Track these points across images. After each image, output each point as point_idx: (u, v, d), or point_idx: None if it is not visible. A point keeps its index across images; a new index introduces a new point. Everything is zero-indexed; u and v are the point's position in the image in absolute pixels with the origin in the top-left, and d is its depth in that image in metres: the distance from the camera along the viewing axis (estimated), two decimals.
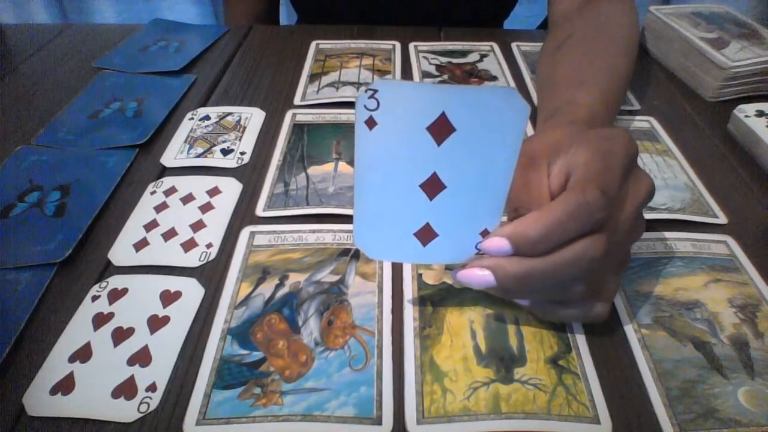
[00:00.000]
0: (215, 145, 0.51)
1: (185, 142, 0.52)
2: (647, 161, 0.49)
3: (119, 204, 0.45)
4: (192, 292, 0.37)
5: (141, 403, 0.31)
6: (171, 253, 0.40)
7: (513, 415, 0.30)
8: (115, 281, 0.38)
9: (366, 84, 0.60)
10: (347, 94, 0.58)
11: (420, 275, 0.38)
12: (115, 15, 1.57)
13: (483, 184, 0.29)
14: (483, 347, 0.34)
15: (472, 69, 0.64)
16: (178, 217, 0.43)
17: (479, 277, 0.30)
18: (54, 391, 0.31)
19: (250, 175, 0.48)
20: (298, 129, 0.54)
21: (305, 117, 0.55)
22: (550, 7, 0.63)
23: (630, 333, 0.35)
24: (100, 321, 0.35)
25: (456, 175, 0.29)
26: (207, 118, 0.55)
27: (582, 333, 0.35)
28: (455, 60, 0.66)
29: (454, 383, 0.32)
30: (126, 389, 0.32)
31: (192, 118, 0.55)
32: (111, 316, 0.36)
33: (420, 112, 0.27)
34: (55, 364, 0.33)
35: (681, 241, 0.41)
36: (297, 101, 0.58)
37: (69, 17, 1.57)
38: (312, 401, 0.31)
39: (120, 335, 0.35)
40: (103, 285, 0.38)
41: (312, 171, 0.48)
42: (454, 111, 0.27)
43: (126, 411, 0.31)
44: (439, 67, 0.64)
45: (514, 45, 0.70)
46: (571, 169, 0.31)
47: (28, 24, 1.02)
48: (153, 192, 0.46)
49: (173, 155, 0.50)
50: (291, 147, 0.51)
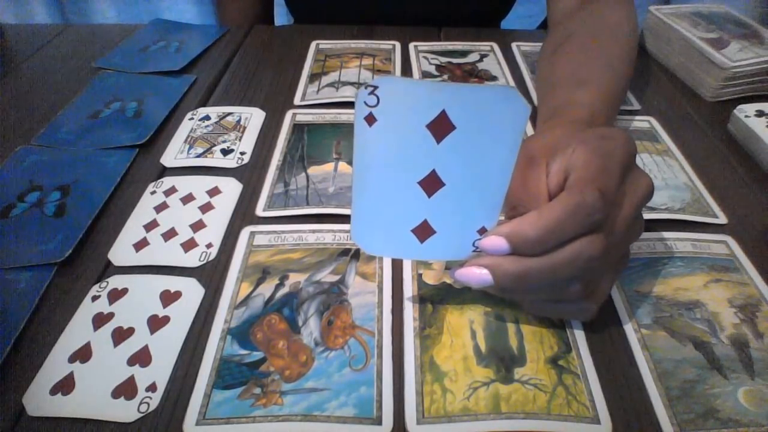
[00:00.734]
0: (215, 145, 0.51)
1: (185, 142, 0.52)
2: (647, 161, 0.49)
3: (119, 204, 0.45)
4: (192, 292, 0.37)
5: (141, 403, 0.31)
6: (171, 253, 0.40)
7: (513, 415, 0.30)
8: (115, 281, 0.38)
9: (364, 83, 0.60)
10: (347, 94, 0.58)
11: (420, 275, 0.38)
12: (115, 15, 1.56)
13: (482, 182, 0.29)
14: (483, 347, 0.34)
15: (472, 69, 0.64)
16: (178, 217, 0.43)
17: (477, 276, 0.30)
18: (54, 391, 0.31)
19: (250, 175, 0.48)
20: (298, 129, 0.54)
21: (305, 117, 0.55)
22: (549, 7, 0.63)
23: (630, 333, 0.35)
24: (100, 321, 0.35)
25: (455, 173, 0.29)
26: (207, 118, 0.55)
27: (582, 333, 0.35)
28: (455, 60, 0.66)
29: (454, 383, 0.32)
30: (126, 389, 0.32)
31: (192, 118, 0.55)
32: (111, 316, 0.36)
33: (420, 109, 0.27)
34: (55, 364, 0.33)
35: (681, 241, 0.41)
36: (297, 101, 0.58)
37: (69, 17, 1.57)
38: (312, 401, 0.31)
39: (120, 335, 0.35)
40: (103, 285, 0.38)
41: (312, 171, 0.48)
42: (454, 109, 0.27)
43: (126, 411, 0.31)
44: (439, 67, 0.64)
45: (514, 45, 0.70)
46: (570, 169, 0.31)
47: (28, 24, 1.02)
48: (153, 192, 0.46)
49: (173, 155, 0.50)
50: (291, 147, 0.51)
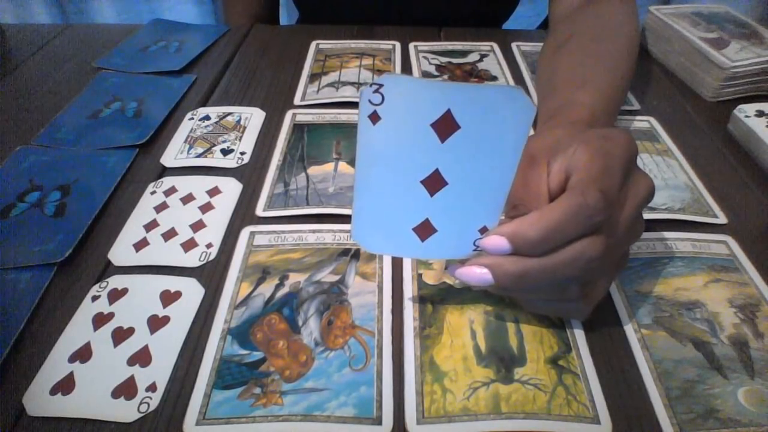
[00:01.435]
0: (215, 145, 0.51)
1: (185, 142, 0.52)
2: (647, 161, 0.49)
3: (119, 204, 0.45)
4: (192, 292, 0.37)
5: (141, 403, 0.31)
6: (171, 253, 0.40)
7: (513, 415, 0.30)
8: (115, 281, 0.38)
9: (366, 84, 0.60)
10: (347, 94, 0.58)
11: (420, 275, 0.38)
12: (115, 15, 1.57)
13: (485, 182, 0.29)
14: (483, 347, 0.34)
15: (472, 69, 0.64)
16: (178, 217, 0.43)
17: (477, 275, 0.30)
18: (54, 391, 0.31)
19: (250, 175, 0.48)
20: (298, 129, 0.54)
21: (305, 117, 0.55)
22: (550, 8, 0.63)
23: (630, 333, 0.35)
24: (100, 321, 0.35)
25: (458, 173, 0.29)
26: (207, 118, 0.55)
27: (582, 333, 0.35)
28: (455, 60, 0.66)
29: (454, 383, 0.32)
30: (126, 389, 0.32)
31: (192, 118, 0.55)
32: (111, 316, 0.36)
33: (425, 108, 0.27)
34: (55, 364, 0.33)
35: (681, 241, 0.41)
36: (297, 101, 0.58)
37: (69, 17, 1.57)
38: (312, 401, 0.31)
39: (120, 335, 0.35)
40: (103, 285, 0.38)
41: (312, 171, 0.48)
42: (459, 108, 0.27)
43: (126, 411, 0.31)
44: (439, 67, 0.64)
45: (514, 45, 0.70)
46: (571, 169, 0.31)
47: (28, 24, 1.02)
48: (153, 192, 0.46)
49: (173, 155, 0.50)
50: (291, 147, 0.51)
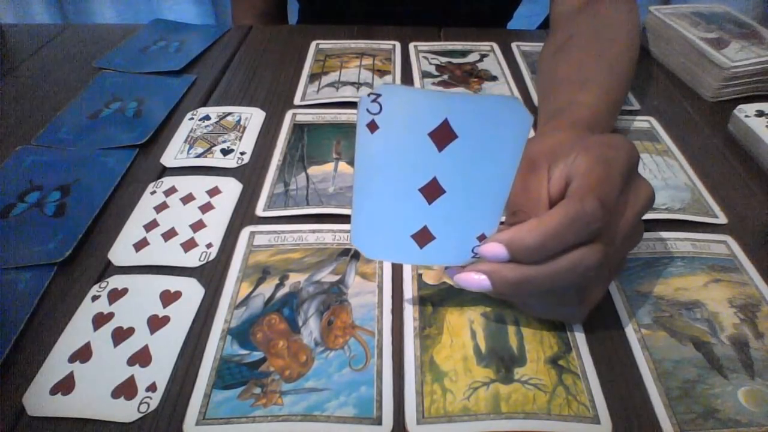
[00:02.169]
0: (215, 145, 0.51)
1: (185, 142, 0.52)
2: (647, 161, 0.49)
3: (119, 204, 0.45)
4: (192, 292, 0.37)
5: (141, 403, 0.31)
6: (171, 253, 0.40)
7: (513, 415, 0.30)
8: (115, 281, 0.38)
9: (366, 83, 0.60)
10: (347, 94, 0.58)
11: (420, 275, 0.38)
12: (115, 15, 1.56)
13: (482, 190, 0.29)
14: (483, 347, 0.34)
15: (472, 69, 0.64)
16: (178, 217, 0.43)
17: (476, 282, 0.30)
18: (54, 391, 0.31)
19: (250, 175, 0.48)
20: (298, 129, 0.54)
21: (305, 117, 0.55)
22: (551, 7, 0.63)
23: (630, 333, 0.35)
24: (100, 321, 0.35)
25: (456, 181, 0.29)
26: (207, 118, 0.55)
27: (582, 333, 0.35)
28: (455, 60, 0.66)
29: (454, 383, 0.32)
30: (126, 389, 0.32)
31: (192, 118, 0.55)
32: (111, 316, 0.36)
33: (422, 118, 0.27)
34: (55, 364, 0.33)
35: (681, 241, 0.41)
36: (297, 101, 0.58)
37: (69, 17, 1.57)
38: (312, 401, 0.31)
39: (120, 335, 0.35)
40: (103, 285, 0.38)
41: (312, 171, 0.48)
42: (456, 118, 0.27)
43: (126, 411, 0.31)
44: (439, 67, 0.64)
45: (514, 45, 0.69)
46: (571, 176, 0.31)
47: (28, 24, 1.02)
48: (153, 192, 0.46)
49: (173, 155, 0.50)
50: (291, 147, 0.51)
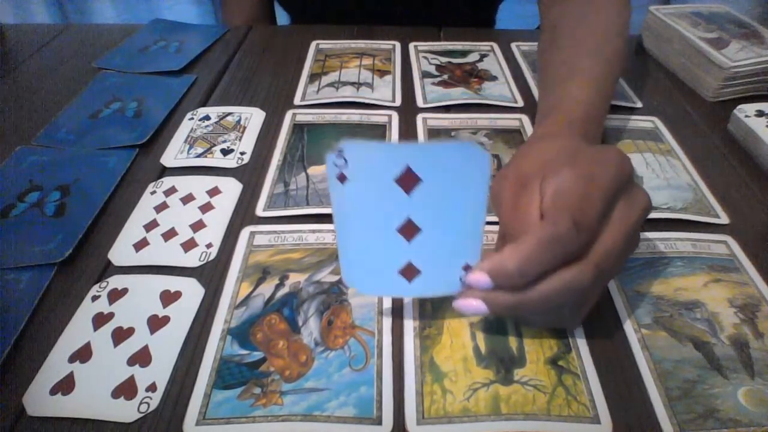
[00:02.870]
0: (215, 145, 0.51)
1: (185, 142, 0.52)
2: (650, 161, 0.49)
3: (119, 204, 0.45)
4: (192, 292, 0.37)
5: (141, 403, 0.31)
6: (171, 253, 0.40)
7: (513, 416, 0.30)
8: (115, 281, 0.38)
9: (366, 83, 0.60)
10: (347, 94, 0.58)
11: None
12: (115, 15, 1.57)
13: (456, 225, 0.31)
14: (483, 348, 0.34)
15: (472, 69, 0.64)
16: (178, 217, 0.43)
17: (474, 307, 0.31)
18: (54, 391, 0.31)
19: (250, 175, 0.48)
20: (298, 129, 0.54)
21: (305, 117, 0.55)
22: (540, 8, 0.62)
23: (630, 333, 0.35)
24: (100, 321, 0.35)
25: (429, 219, 0.30)
26: (207, 118, 0.55)
27: (582, 333, 0.35)
28: (455, 60, 0.66)
29: (454, 384, 0.32)
30: (126, 389, 0.32)
31: (192, 118, 0.55)
32: (111, 316, 0.36)
33: (386, 167, 0.29)
34: (55, 364, 0.33)
35: (681, 241, 0.41)
36: (297, 101, 0.58)
37: (69, 17, 1.57)
38: (312, 401, 0.31)
39: (120, 335, 0.35)
40: (103, 285, 0.38)
41: (312, 171, 0.48)
42: (418, 165, 0.28)
43: (126, 411, 0.31)
44: (439, 67, 0.64)
45: (514, 45, 0.70)
46: (557, 193, 0.31)
47: (28, 24, 1.02)
48: (153, 192, 0.46)
49: (173, 155, 0.50)
50: (291, 147, 0.51)
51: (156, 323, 0.35)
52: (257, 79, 0.63)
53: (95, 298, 0.37)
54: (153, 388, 0.32)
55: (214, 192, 0.46)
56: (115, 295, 0.37)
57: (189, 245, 0.41)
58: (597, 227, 0.30)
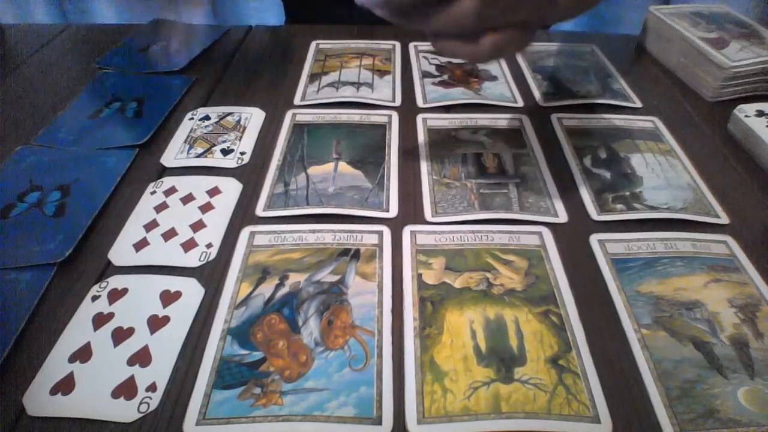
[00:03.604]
0: (215, 145, 0.51)
1: (185, 142, 0.52)
2: (650, 161, 0.49)
3: (119, 204, 0.45)
4: (192, 292, 0.37)
5: (141, 403, 0.31)
6: (171, 253, 0.40)
7: (513, 415, 0.30)
8: (115, 281, 0.38)
9: (366, 83, 0.60)
10: (347, 94, 0.58)
11: (420, 275, 0.38)
12: (115, 15, 1.56)
13: None
14: (483, 347, 0.34)
15: (472, 69, 0.64)
16: (178, 217, 0.43)
17: None
18: (54, 391, 0.31)
19: (250, 175, 0.48)
20: (298, 129, 0.54)
21: (305, 117, 0.55)
22: None
23: (630, 333, 0.35)
24: (100, 321, 0.35)
25: None
26: (207, 118, 0.55)
27: (582, 333, 0.35)
28: (455, 60, 0.66)
29: (454, 383, 0.32)
30: (126, 389, 0.32)
31: (192, 118, 0.55)
32: (111, 316, 0.36)
33: None
34: (55, 364, 0.33)
35: (681, 241, 0.41)
36: (297, 101, 0.58)
37: (69, 17, 1.57)
38: (312, 401, 0.31)
39: (120, 335, 0.35)
40: (103, 285, 0.38)
41: (312, 171, 0.48)
42: None
43: (126, 411, 0.31)
44: (439, 67, 0.64)
45: None
46: None
47: (28, 24, 1.02)
48: (153, 192, 0.46)
49: (173, 155, 0.50)
50: (291, 147, 0.51)
51: (156, 323, 0.35)
52: (257, 79, 0.63)
53: (95, 298, 0.37)
54: (153, 388, 0.32)
55: (214, 192, 0.46)
56: (115, 295, 0.37)
57: (189, 245, 0.41)
58: None
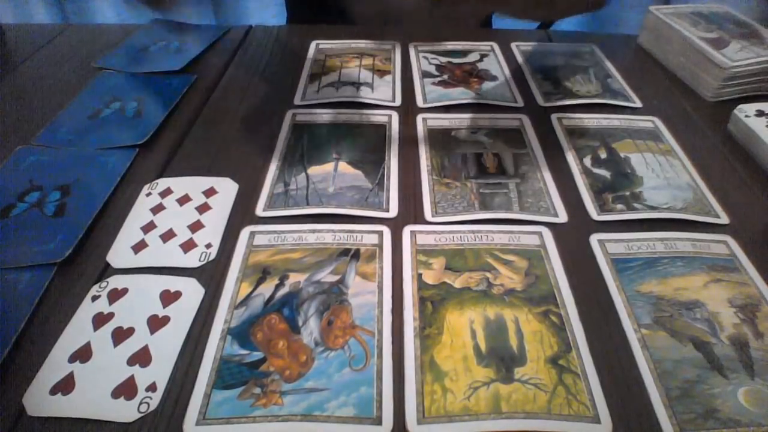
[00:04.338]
0: None
1: None
2: (651, 161, 0.49)
3: (119, 204, 0.45)
4: (192, 292, 0.37)
5: (141, 403, 0.31)
6: (170, 254, 0.40)
7: (513, 415, 0.30)
8: (115, 281, 0.38)
9: (366, 83, 0.60)
10: (347, 94, 0.58)
11: (420, 275, 0.38)
12: (115, 15, 1.56)
13: None
14: (483, 347, 0.34)
15: (472, 69, 0.64)
16: (175, 219, 0.43)
17: None
18: (54, 391, 0.31)
19: (249, 176, 0.48)
20: (298, 129, 0.54)
21: (305, 117, 0.55)
22: None
23: (630, 333, 0.35)
24: (100, 321, 0.35)
25: None
26: None
27: (582, 333, 0.35)
28: (455, 60, 0.66)
29: (454, 383, 0.32)
30: (126, 389, 0.32)
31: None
32: (111, 316, 0.36)
33: None
34: (55, 364, 0.33)
35: (681, 241, 0.41)
36: (297, 101, 0.58)
37: (69, 17, 1.56)
38: (312, 401, 0.31)
39: (120, 335, 0.34)
40: (103, 285, 0.38)
41: (312, 171, 0.48)
42: None
43: (126, 411, 0.31)
44: (439, 67, 0.64)
45: (513, 45, 0.69)
46: None
47: (28, 24, 1.02)
48: (148, 194, 0.46)
49: None
50: (291, 147, 0.51)
51: (156, 323, 0.35)
52: (257, 79, 0.62)
53: (95, 298, 0.37)
54: (153, 388, 0.32)
55: (210, 192, 0.46)
56: (115, 295, 0.37)
57: (188, 246, 0.41)
58: None
